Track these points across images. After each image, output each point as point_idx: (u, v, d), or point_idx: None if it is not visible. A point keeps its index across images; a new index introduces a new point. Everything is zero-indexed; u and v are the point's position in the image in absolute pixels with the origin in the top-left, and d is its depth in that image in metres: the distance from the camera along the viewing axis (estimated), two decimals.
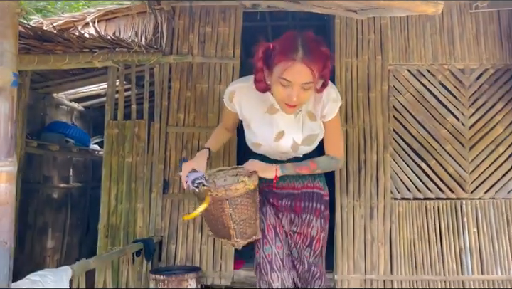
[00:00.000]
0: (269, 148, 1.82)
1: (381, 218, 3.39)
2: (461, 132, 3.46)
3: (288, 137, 1.78)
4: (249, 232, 1.81)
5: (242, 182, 1.68)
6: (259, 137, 1.81)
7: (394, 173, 3.45)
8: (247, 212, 1.77)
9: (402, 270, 3.32)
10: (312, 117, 1.77)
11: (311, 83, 1.57)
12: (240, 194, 1.71)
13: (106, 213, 3.50)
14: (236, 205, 1.73)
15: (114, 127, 3.61)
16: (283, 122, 1.76)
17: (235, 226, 1.77)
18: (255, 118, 1.80)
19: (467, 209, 3.37)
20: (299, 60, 1.53)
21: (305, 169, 1.81)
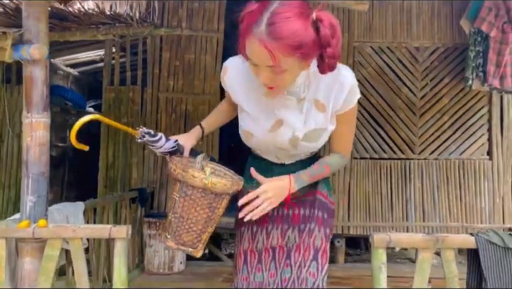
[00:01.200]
0: (263, 140, 1.45)
1: (342, 174, 3.98)
2: (413, 102, 4.01)
3: (287, 129, 1.41)
4: (185, 239, 1.47)
5: (203, 174, 1.38)
6: (251, 125, 1.45)
7: (355, 136, 3.98)
8: (194, 213, 1.43)
9: (358, 217, 3.94)
10: (320, 108, 1.39)
11: (274, 67, 1.21)
12: (194, 185, 1.38)
13: (104, 167, 4.01)
14: (185, 195, 1.42)
15: (110, 91, 4.07)
16: (283, 109, 1.39)
17: (172, 217, 1.47)
18: (250, 101, 1.44)
19: (414, 168, 3.97)
20: (256, 37, 1.18)
21: (320, 176, 1.49)
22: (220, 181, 1.39)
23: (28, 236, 1.77)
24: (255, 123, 1.44)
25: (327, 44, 1.21)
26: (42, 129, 1.89)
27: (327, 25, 1.21)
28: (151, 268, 3.57)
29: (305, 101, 1.39)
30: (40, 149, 1.89)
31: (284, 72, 1.23)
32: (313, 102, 1.39)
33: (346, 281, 3.46)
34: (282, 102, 1.39)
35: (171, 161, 1.45)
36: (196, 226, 1.45)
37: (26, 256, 1.85)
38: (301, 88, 1.37)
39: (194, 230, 1.45)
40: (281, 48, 1.17)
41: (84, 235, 1.79)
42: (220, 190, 1.40)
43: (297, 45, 1.18)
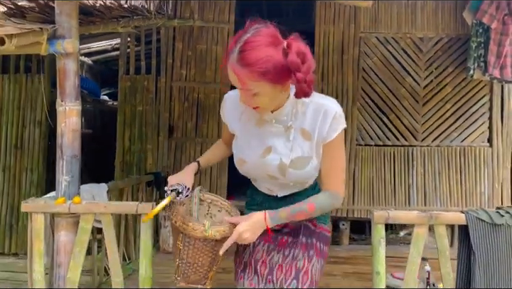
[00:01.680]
0: (254, 166, 1.53)
1: (347, 161, 4.16)
2: (416, 91, 4.16)
3: (275, 155, 1.49)
4: (193, 278, 1.60)
5: (202, 226, 1.47)
6: (244, 152, 1.54)
7: (360, 124, 4.18)
8: (198, 258, 1.56)
9: (362, 201, 4.14)
10: (306, 136, 1.47)
11: (247, 90, 1.34)
12: (195, 236, 1.50)
13: (121, 152, 4.23)
14: (188, 244, 1.54)
15: (126, 80, 4.27)
16: (271, 136, 1.50)
17: (179, 263, 1.59)
18: (244, 130, 1.55)
19: (417, 154, 4.14)
20: (230, 63, 1.33)
21: (301, 215, 1.49)
22: (218, 230, 1.49)
23: (64, 211, 1.98)
24: (248, 150, 1.53)
25: (296, 69, 1.30)
26: (75, 116, 2.09)
27: (295, 52, 1.30)
28: (166, 247, 3.80)
29: (292, 129, 1.48)
30: (73, 134, 2.09)
31: (257, 95, 1.35)
32: (300, 131, 1.47)
33: (350, 261, 3.67)
34: (270, 130, 1.50)
35: (172, 214, 1.58)
36: (202, 267, 1.58)
37: (62, 230, 2.07)
38: (288, 117, 1.47)
39: (201, 271, 1.59)
40: (248, 73, 1.30)
41: (114, 211, 1.99)
42: (220, 237, 1.50)
43: (263, 71, 1.29)
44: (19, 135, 4.26)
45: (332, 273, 3.27)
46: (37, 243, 1.99)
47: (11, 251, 4.20)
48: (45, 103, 4.27)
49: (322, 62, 4.19)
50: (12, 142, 4.26)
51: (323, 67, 4.20)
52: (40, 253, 1.99)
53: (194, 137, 4.25)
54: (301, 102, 1.45)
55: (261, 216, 1.46)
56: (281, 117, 1.48)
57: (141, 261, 1.96)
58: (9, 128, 4.27)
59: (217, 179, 4.26)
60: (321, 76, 4.19)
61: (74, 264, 1.97)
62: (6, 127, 4.26)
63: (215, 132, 4.26)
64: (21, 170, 4.24)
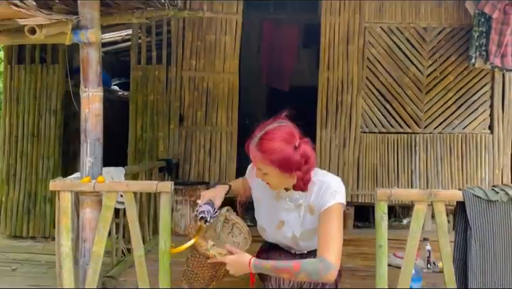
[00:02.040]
0: (272, 235, 1.82)
1: (352, 148, 4.31)
2: (420, 79, 4.28)
3: (288, 228, 1.77)
4: (196, 286, 1.83)
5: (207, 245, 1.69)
6: (263, 221, 1.84)
7: (364, 112, 4.31)
8: (200, 270, 1.77)
9: (366, 187, 4.28)
10: (312, 211, 1.72)
11: (260, 170, 1.66)
12: (200, 251, 1.72)
13: (134, 140, 4.39)
14: (194, 256, 1.79)
15: (138, 70, 4.41)
16: (284, 212, 1.77)
17: (186, 268, 1.86)
18: (264, 201, 1.83)
19: (419, 141, 4.27)
20: (251, 144, 1.66)
21: (285, 272, 1.59)
22: (220, 252, 1.68)
23: (89, 190, 2.14)
24: (266, 221, 1.83)
25: (297, 168, 1.63)
26: (97, 102, 2.25)
27: (300, 154, 1.62)
28: (178, 230, 3.97)
29: (302, 207, 1.75)
30: (96, 119, 2.25)
31: (266, 175, 1.67)
32: (308, 208, 1.74)
33: (354, 242, 3.81)
34: (284, 207, 1.78)
35: (188, 226, 1.84)
36: (204, 279, 1.80)
37: (87, 207, 2.23)
38: (300, 196, 1.74)
39: (202, 282, 1.82)
40: (261, 158, 1.64)
41: (136, 190, 2.15)
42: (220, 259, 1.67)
43: (272, 159, 1.61)
44: (35, 123, 4.43)
45: None
46: (64, 219, 2.15)
47: (28, 235, 4.40)
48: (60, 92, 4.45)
49: (328, 53, 4.31)
50: (29, 130, 4.43)
51: (329, 58, 4.32)
52: (68, 228, 2.16)
53: (204, 126, 4.40)
54: (313, 183, 1.71)
55: (246, 260, 1.64)
56: (293, 196, 1.76)
57: (161, 235, 2.11)
58: (26, 117, 4.44)
59: (227, 166, 4.41)
60: (327, 66, 4.31)
61: (99, 238, 2.14)
62: (22, 115, 4.43)
63: (223, 120, 4.41)
64: (38, 157, 4.42)
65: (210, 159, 4.40)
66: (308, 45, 6.38)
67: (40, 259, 3.74)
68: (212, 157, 4.40)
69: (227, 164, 4.40)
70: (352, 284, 2.73)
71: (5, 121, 4.45)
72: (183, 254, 1.87)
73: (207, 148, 4.40)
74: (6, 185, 4.42)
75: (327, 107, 4.31)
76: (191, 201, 3.95)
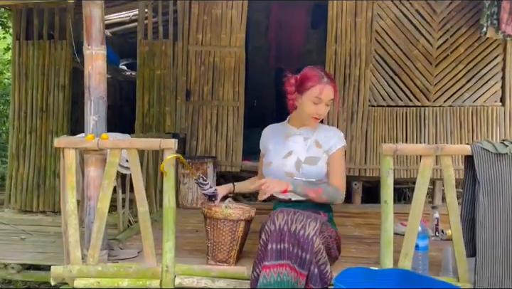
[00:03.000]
0: (276, 165, 2.19)
1: (360, 121, 4.26)
2: (429, 51, 4.20)
3: (294, 156, 2.19)
4: (220, 257, 2.16)
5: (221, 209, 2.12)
6: (272, 156, 2.23)
7: (372, 85, 4.25)
8: (221, 237, 2.12)
9: (374, 161, 4.23)
10: (318, 145, 2.20)
11: (332, 100, 2.15)
12: (217, 217, 2.10)
13: (141, 114, 4.39)
14: (213, 226, 2.13)
15: (145, 45, 4.40)
16: (294, 145, 2.21)
17: (208, 244, 2.19)
18: (274, 143, 2.28)
19: (429, 114, 4.20)
20: (326, 82, 2.11)
21: (313, 192, 2.07)
22: (233, 211, 2.13)
23: (93, 147, 2.14)
24: (274, 154, 2.24)
25: None
26: (100, 60, 2.24)
27: None
28: (184, 203, 3.98)
29: (309, 140, 2.22)
30: (99, 77, 2.25)
31: (328, 105, 2.17)
32: (314, 142, 2.21)
33: (362, 215, 3.79)
34: (294, 140, 2.24)
35: (202, 206, 2.23)
36: (225, 246, 2.15)
37: (91, 166, 2.24)
38: (307, 133, 2.23)
39: (224, 249, 2.15)
40: (335, 88, 2.17)
41: (139, 147, 2.15)
42: (235, 217, 2.11)
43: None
44: (44, 99, 4.45)
45: (344, 224, 3.39)
46: (69, 177, 2.16)
47: (38, 209, 4.45)
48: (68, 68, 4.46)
49: (336, 25, 4.25)
50: (38, 106, 4.46)
51: (337, 30, 4.26)
52: (72, 185, 2.17)
53: (210, 100, 4.38)
54: (319, 126, 2.27)
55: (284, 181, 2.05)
56: (303, 132, 2.24)
57: (165, 191, 2.11)
58: (34, 92, 4.46)
59: (233, 142, 4.39)
60: (335, 39, 4.25)
61: (103, 195, 2.14)
62: (31, 91, 4.46)
63: (230, 95, 4.38)
64: (47, 132, 4.45)
65: (217, 134, 4.39)
66: (316, 25, 6.31)
67: (49, 230, 3.78)
68: (219, 132, 4.39)
69: (233, 139, 4.38)
70: (358, 250, 2.71)
71: (14, 97, 4.48)
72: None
73: (213, 123, 4.39)
74: (16, 160, 4.47)
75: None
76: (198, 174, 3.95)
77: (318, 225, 1.84)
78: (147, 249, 2.14)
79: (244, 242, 2.31)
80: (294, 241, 1.82)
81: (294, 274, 1.79)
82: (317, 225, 1.84)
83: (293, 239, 1.82)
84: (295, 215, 1.87)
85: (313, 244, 1.80)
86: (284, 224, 1.84)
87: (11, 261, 2.92)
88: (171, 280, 2.11)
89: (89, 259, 2.16)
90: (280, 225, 1.84)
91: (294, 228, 1.83)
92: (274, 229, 1.84)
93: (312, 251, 1.79)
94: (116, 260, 2.38)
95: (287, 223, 1.85)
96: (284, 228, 1.84)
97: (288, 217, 1.86)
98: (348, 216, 3.73)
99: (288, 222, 1.85)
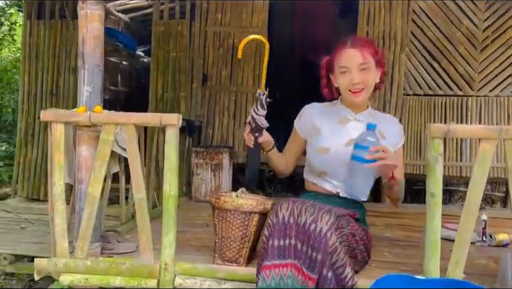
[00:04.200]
0: (336, 153, 1.80)
1: (392, 111, 3.84)
2: (474, 34, 3.74)
3: None
4: (229, 255, 1.83)
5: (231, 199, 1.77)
6: (329, 141, 1.84)
7: (408, 71, 3.83)
8: (231, 232, 1.79)
9: (407, 156, 3.81)
10: (382, 136, 1.81)
11: (365, 64, 1.76)
12: (226, 208, 1.78)
13: (154, 99, 4.11)
14: (222, 218, 1.81)
15: (160, 25, 4.11)
16: (354, 131, 1.82)
17: (216, 239, 1.86)
18: (327, 126, 1.88)
19: (472, 105, 3.75)
20: (348, 46, 1.78)
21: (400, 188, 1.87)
22: (245, 201, 1.77)
23: (84, 120, 1.84)
24: (332, 140, 1.83)
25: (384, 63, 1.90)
26: (97, 21, 1.93)
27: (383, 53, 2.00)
28: (197, 195, 3.67)
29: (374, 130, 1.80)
30: (95, 41, 1.93)
31: (367, 71, 1.78)
32: (379, 132, 1.76)
33: (393, 215, 3.38)
34: (353, 127, 1.86)
35: (210, 195, 1.90)
36: (235, 242, 1.81)
37: (83, 144, 1.94)
38: (366, 119, 1.84)
39: (234, 246, 1.82)
40: (368, 49, 1.80)
41: (137, 122, 1.83)
42: (247, 209, 1.77)
43: (374, 50, 1.82)
44: (54, 82, 4.22)
45: (374, 224, 3.00)
46: (57, 155, 1.87)
47: (46, 198, 4.20)
48: None
49: (368, 4, 3.85)
50: (48, 89, 4.23)
51: (369, 10, 3.85)
52: (61, 165, 1.87)
53: (229, 86, 4.05)
54: (374, 114, 1.94)
55: None
56: (361, 118, 1.87)
57: (165, 176, 1.79)
58: (45, 75, 4.24)
59: None
60: (367, 19, 3.85)
61: (95, 178, 1.84)
62: (41, 73, 4.24)
63: (250, 81, 4.04)
64: None
65: (235, 122, 4.05)
66: (345, 14, 5.89)
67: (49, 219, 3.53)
68: (236, 121, 4.05)
69: None
70: (393, 254, 2.32)
71: (23, 79, 4.27)
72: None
73: (231, 110, 4.05)
74: (24, 146, 4.26)
75: None
76: (212, 165, 3.63)
77: (332, 218, 1.51)
78: (144, 243, 1.82)
79: (258, 239, 1.97)
80: (303, 237, 1.49)
81: (301, 277, 1.46)
82: (331, 218, 1.50)
83: (301, 234, 1.49)
84: (303, 205, 1.55)
85: (327, 241, 1.46)
86: (290, 216, 1.52)
87: (3, 251, 2.66)
88: (170, 279, 1.79)
89: (78, 252, 1.85)
90: (284, 216, 1.53)
91: (302, 221, 1.50)
92: (276, 222, 1.53)
93: (325, 250, 1.45)
94: (111, 254, 2.08)
95: (293, 214, 1.53)
96: (290, 220, 1.52)
97: (294, 207, 1.54)
98: (377, 215, 3.32)
99: (294, 213, 1.53)
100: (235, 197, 1.80)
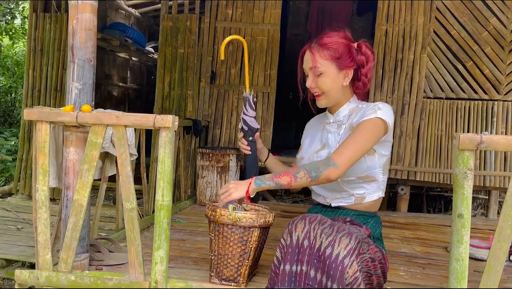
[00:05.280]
0: (309, 160, 1.70)
1: (411, 115, 3.60)
2: (502, 34, 3.48)
3: (326, 149, 1.67)
4: (226, 274, 1.67)
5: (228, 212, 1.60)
6: (306, 151, 1.75)
7: (429, 73, 3.58)
8: (228, 248, 1.64)
9: (426, 162, 3.57)
10: (352, 129, 1.61)
11: (316, 68, 1.57)
12: (223, 222, 1.62)
13: (160, 97, 3.94)
14: (218, 233, 1.65)
15: (168, 20, 3.94)
16: (327, 135, 1.70)
17: (211, 256, 1.70)
18: (311, 135, 1.80)
19: (498, 110, 3.49)
20: (307, 48, 1.62)
21: (285, 174, 1.50)
22: (244, 215, 1.60)
23: (71, 120, 1.67)
24: (308, 149, 1.74)
25: (362, 65, 1.61)
26: (89, 12, 1.76)
27: (363, 53, 1.61)
28: (202, 199, 3.49)
29: (343, 126, 1.66)
30: (86, 33, 1.76)
31: (322, 76, 1.59)
32: (349, 127, 1.62)
33: (409, 226, 3.16)
34: (328, 130, 1.71)
35: (206, 206, 1.71)
36: (233, 260, 1.65)
37: (70, 146, 1.77)
38: (344, 118, 1.67)
39: (232, 264, 1.65)
40: (321, 52, 1.58)
41: (128, 123, 1.65)
42: (247, 223, 1.61)
43: (333, 51, 1.57)
44: (59, 77, 4.09)
45: (388, 236, 2.78)
46: (41, 158, 1.70)
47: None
48: None
49: (388, 1, 3.61)
50: (52, 85, 4.10)
51: (389, 6, 3.62)
52: (45, 169, 1.70)
53: (238, 85, 3.86)
54: (359, 108, 1.64)
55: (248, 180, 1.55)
56: (338, 118, 1.68)
57: (158, 184, 1.60)
58: (49, 70, 4.11)
59: (261, 132, 3.86)
60: (386, 17, 3.62)
61: (81, 184, 1.66)
62: (46, 68, 4.11)
63: (260, 79, 3.85)
64: None
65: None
66: (362, 12, 5.67)
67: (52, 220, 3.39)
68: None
69: (262, 129, 3.84)
70: (410, 273, 2.10)
71: (28, 74, 4.15)
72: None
73: (240, 110, 3.85)
74: (27, 142, 4.14)
75: (383, 66, 3.62)
76: (218, 167, 3.45)
77: (353, 243, 1.30)
78: (133, 258, 1.64)
79: (260, 255, 1.78)
80: (318, 263, 1.30)
81: None
82: (351, 243, 1.30)
83: (316, 260, 1.31)
84: (321, 226, 1.35)
85: (345, 270, 1.26)
86: (305, 238, 1.34)
87: None
88: None
89: (61, 265, 1.68)
90: (299, 238, 1.35)
91: (318, 245, 1.32)
92: (289, 244, 1.36)
93: (342, 281, 1.25)
94: (101, 266, 1.91)
95: (308, 236, 1.34)
96: (304, 243, 1.34)
97: (310, 227, 1.35)
98: (392, 226, 3.11)
99: (309, 235, 1.34)
100: (232, 209, 1.61)
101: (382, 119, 1.51)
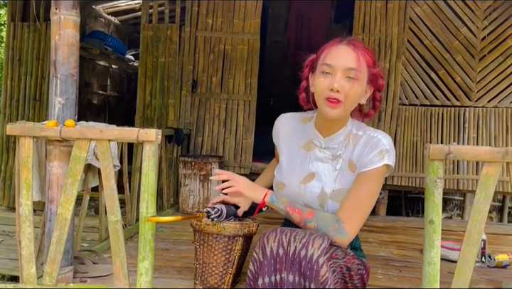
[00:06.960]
0: (293, 192, 1.51)
1: (388, 122, 3.72)
2: (472, 43, 3.63)
3: (317, 182, 1.48)
4: (211, 282, 1.72)
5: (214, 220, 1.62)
6: (286, 176, 1.53)
7: (404, 81, 3.71)
8: (213, 257, 1.69)
9: (403, 168, 3.69)
10: (352, 168, 1.45)
11: (355, 70, 1.35)
12: (208, 231, 1.67)
13: (142, 106, 3.95)
14: (203, 242, 1.70)
15: (149, 29, 3.96)
16: (317, 162, 1.49)
17: (196, 264, 1.75)
18: (288, 151, 1.56)
19: (469, 116, 3.63)
20: (345, 43, 1.38)
21: (298, 212, 1.41)
22: (229, 224, 1.64)
23: (55, 135, 1.69)
24: (289, 174, 1.52)
25: (379, 89, 1.46)
26: (71, 28, 1.79)
27: (382, 77, 1.46)
28: (185, 207, 3.52)
29: (340, 159, 1.46)
30: (69, 49, 1.79)
31: (355, 82, 1.35)
32: (348, 162, 1.45)
33: (388, 230, 3.26)
34: (318, 156, 1.49)
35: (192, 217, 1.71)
36: (217, 268, 1.69)
37: (54, 160, 1.79)
38: (339, 146, 1.47)
39: (216, 272, 1.70)
40: (366, 55, 1.39)
41: (112, 137, 1.68)
42: (231, 232, 1.65)
43: (373, 61, 1.42)
44: (38, 87, 4.06)
45: (367, 240, 2.87)
46: (24, 172, 1.71)
47: None
48: None
49: (364, 11, 3.73)
50: (31, 94, 4.06)
51: (365, 17, 3.74)
52: (29, 183, 1.72)
53: (219, 93, 3.91)
54: (354, 135, 1.46)
55: (265, 189, 1.48)
56: (332, 144, 1.48)
57: (142, 197, 1.64)
58: (28, 79, 4.07)
59: (243, 140, 3.92)
60: (362, 27, 3.73)
61: (65, 198, 1.69)
62: (24, 78, 4.07)
63: (241, 88, 3.91)
64: None
65: (225, 130, 3.91)
66: (340, 19, 5.80)
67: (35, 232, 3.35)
68: (227, 129, 3.91)
69: (243, 137, 3.90)
70: (387, 277, 2.18)
71: (6, 83, 4.10)
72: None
73: (222, 118, 3.91)
74: (6, 153, 4.08)
75: None
76: (201, 175, 3.49)
77: (326, 243, 1.27)
78: (118, 269, 1.67)
79: (243, 263, 1.83)
80: (294, 267, 1.27)
81: None
82: (324, 243, 1.27)
83: (291, 264, 1.28)
84: (293, 232, 1.32)
85: (320, 269, 1.24)
86: (279, 246, 1.30)
87: None
88: None
89: (46, 278, 1.70)
90: (272, 249, 1.30)
91: (292, 249, 1.28)
92: (264, 257, 1.31)
93: (318, 279, 1.24)
94: (85, 278, 1.93)
95: (282, 244, 1.30)
96: (279, 251, 1.30)
97: (282, 235, 1.31)
98: (370, 230, 3.21)
99: (283, 242, 1.30)
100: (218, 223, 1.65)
101: (389, 165, 1.40)
